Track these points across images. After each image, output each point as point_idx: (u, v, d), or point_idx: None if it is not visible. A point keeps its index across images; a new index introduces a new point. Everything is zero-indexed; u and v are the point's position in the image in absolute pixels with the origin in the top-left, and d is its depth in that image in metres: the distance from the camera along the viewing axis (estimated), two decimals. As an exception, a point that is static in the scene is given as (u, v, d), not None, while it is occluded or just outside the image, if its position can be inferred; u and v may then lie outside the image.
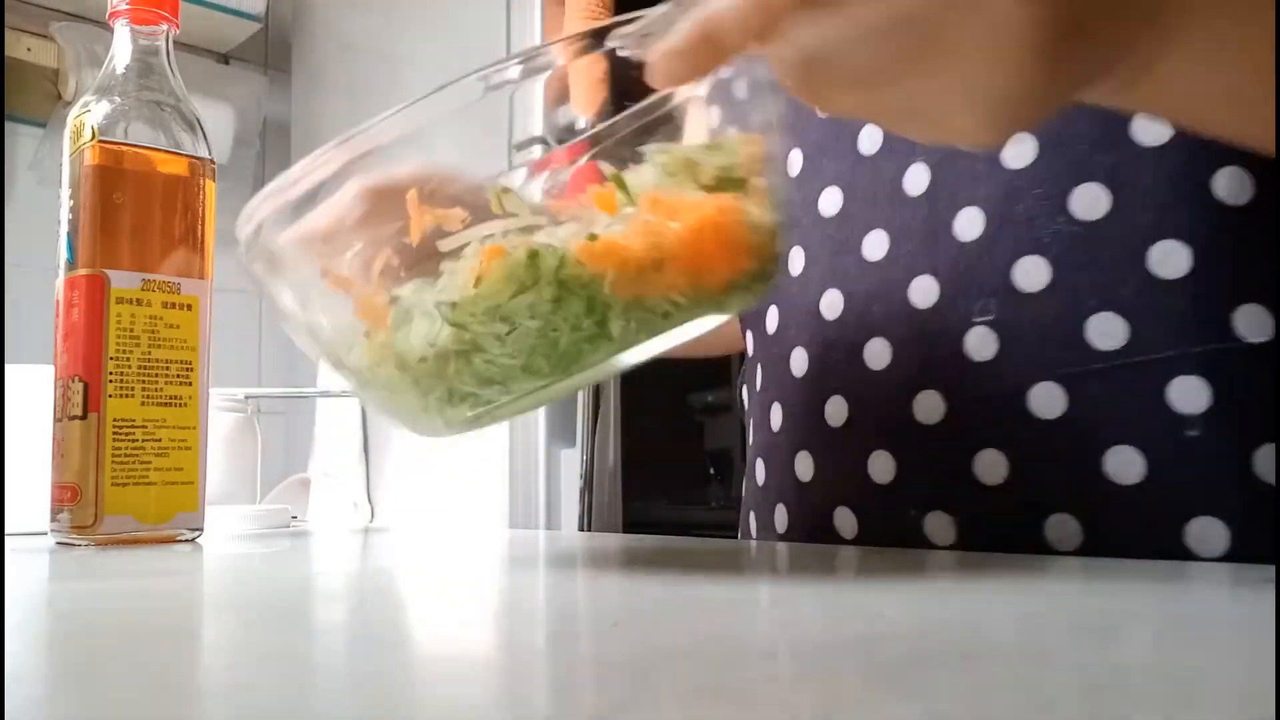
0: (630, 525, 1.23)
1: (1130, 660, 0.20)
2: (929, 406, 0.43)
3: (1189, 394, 0.38)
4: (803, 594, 0.31)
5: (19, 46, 1.41)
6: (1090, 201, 0.40)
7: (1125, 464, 0.39)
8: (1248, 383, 0.38)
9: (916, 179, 0.45)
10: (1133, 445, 0.39)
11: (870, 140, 0.48)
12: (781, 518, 0.51)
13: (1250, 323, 0.38)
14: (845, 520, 0.47)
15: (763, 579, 0.34)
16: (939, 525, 0.43)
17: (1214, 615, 0.26)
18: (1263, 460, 0.38)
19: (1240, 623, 0.24)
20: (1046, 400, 0.40)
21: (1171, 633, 0.23)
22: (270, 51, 1.74)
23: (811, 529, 0.48)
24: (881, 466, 0.45)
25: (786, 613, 0.28)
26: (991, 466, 0.42)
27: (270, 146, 1.72)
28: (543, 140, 1.05)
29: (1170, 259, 0.39)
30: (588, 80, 0.36)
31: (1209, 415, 0.38)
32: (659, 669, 0.20)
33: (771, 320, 0.52)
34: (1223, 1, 0.30)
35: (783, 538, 0.51)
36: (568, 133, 0.36)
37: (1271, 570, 0.33)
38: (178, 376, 0.51)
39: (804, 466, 0.49)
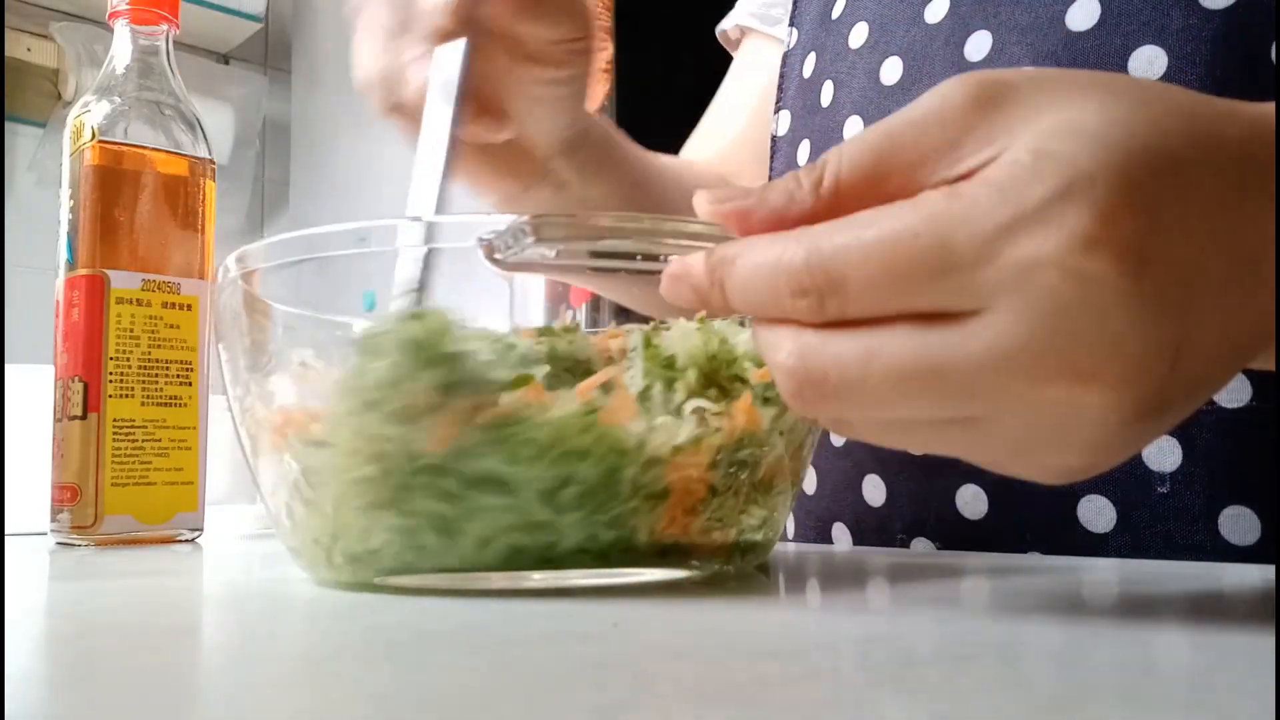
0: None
1: (1130, 660, 0.20)
2: None
3: (1161, 453, 0.40)
4: (803, 594, 0.31)
5: (19, 46, 1.41)
6: None
7: (1096, 512, 0.41)
8: (1219, 446, 0.39)
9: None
10: (1105, 496, 0.41)
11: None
12: (789, 525, 0.55)
13: (1225, 389, 0.39)
14: (841, 534, 0.50)
15: (762, 580, 0.34)
16: (924, 549, 0.46)
17: (1214, 615, 0.26)
18: (1228, 521, 0.39)
19: (1240, 623, 0.24)
20: None
21: (1172, 633, 0.23)
22: (270, 51, 1.74)
23: (812, 539, 0.53)
24: (873, 489, 0.48)
25: (786, 613, 0.28)
26: (972, 501, 0.44)
27: (270, 146, 1.72)
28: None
29: None
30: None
31: (1178, 474, 0.39)
32: (659, 669, 0.20)
33: None
34: None
35: (783, 541, 0.54)
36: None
37: (1271, 570, 0.33)
38: (178, 376, 0.51)
39: (809, 481, 0.53)
